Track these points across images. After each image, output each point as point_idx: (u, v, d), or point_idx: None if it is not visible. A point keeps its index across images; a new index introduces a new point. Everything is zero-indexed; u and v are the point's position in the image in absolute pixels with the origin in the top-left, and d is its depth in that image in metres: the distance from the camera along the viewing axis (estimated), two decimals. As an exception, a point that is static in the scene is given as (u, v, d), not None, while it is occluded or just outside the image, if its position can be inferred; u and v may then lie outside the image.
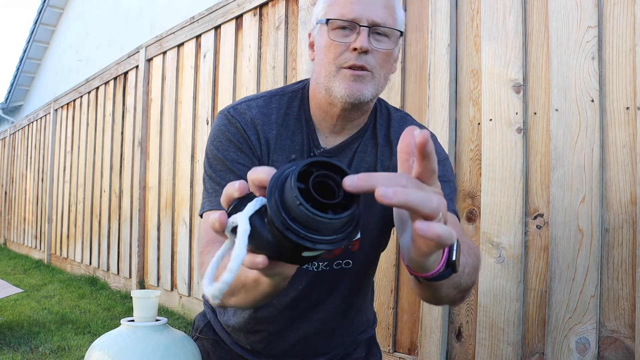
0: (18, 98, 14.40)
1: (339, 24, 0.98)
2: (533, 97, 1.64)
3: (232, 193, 0.54)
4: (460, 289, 0.84)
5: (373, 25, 0.97)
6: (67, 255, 5.41)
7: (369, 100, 1.00)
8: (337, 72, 0.98)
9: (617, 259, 1.44)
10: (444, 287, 0.77)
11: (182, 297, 3.32)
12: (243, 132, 1.03)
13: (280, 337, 1.16)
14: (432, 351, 1.83)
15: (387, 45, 0.99)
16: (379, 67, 0.99)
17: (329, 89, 1.00)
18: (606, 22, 1.48)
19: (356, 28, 0.97)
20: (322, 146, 1.07)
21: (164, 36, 3.66)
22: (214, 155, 1.04)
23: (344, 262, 1.09)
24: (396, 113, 1.14)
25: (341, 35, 0.98)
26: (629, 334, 1.41)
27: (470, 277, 0.85)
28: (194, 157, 3.28)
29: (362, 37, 0.96)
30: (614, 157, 1.46)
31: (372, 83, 0.99)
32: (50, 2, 11.64)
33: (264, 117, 1.05)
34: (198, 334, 1.27)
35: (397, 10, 1.02)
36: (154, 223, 3.69)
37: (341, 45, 0.98)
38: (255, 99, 1.08)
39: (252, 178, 0.53)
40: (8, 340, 2.71)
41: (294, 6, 2.56)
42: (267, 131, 1.04)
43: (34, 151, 6.65)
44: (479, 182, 1.75)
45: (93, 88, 4.95)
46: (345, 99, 0.98)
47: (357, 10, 0.97)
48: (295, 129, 1.06)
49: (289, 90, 1.11)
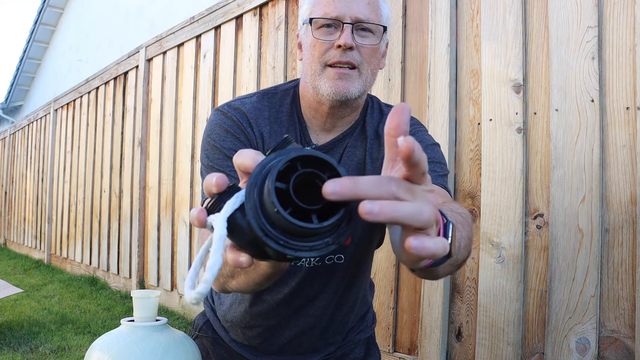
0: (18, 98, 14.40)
1: (322, 22, 0.99)
2: (533, 97, 1.64)
3: (210, 188, 0.51)
4: (458, 264, 0.83)
5: (356, 21, 0.99)
6: (67, 255, 5.41)
7: (356, 97, 1.02)
8: (323, 71, 1.00)
9: (617, 259, 1.44)
10: (441, 268, 0.74)
11: (182, 297, 3.32)
12: (239, 124, 1.05)
13: (275, 332, 1.16)
14: (432, 351, 1.83)
15: (372, 41, 1.01)
16: (365, 62, 1.00)
17: (316, 87, 1.01)
18: (606, 22, 1.48)
19: (340, 25, 0.99)
20: (313, 143, 1.08)
21: (164, 36, 3.66)
22: (211, 146, 1.04)
23: (336, 257, 1.10)
24: (387, 109, 1.14)
25: (325, 34, 0.99)
26: (629, 334, 1.41)
27: (466, 249, 0.84)
28: (194, 157, 3.28)
29: (345, 34, 0.97)
30: (614, 157, 1.46)
31: (359, 80, 1.00)
32: (50, 2, 11.64)
33: (258, 112, 1.07)
34: (197, 332, 1.29)
35: (381, 5, 1.03)
36: (154, 223, 3.69)
37: (326, 43, 0.99)
38: (248, 97, 1.10)
39: (238, 163, 0.51)
40: (8, 340, 2.71)
41: (294, 6, 2.56)
42: (261, 125, 1.06)
43: (34, 151, 6.65)
44: (479, 182, 1.75)
45: (93, 88, 4.95)
46: (332, 96, 1.00)
47: (340, 8, 0.98)
48: (288, 126, 1.08)
49: (281, 89, 1.13)
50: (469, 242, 0.85)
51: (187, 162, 3.32)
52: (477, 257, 1.75)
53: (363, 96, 1.05)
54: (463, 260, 0.83)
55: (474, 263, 1.76)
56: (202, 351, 1.24)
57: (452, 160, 1.83)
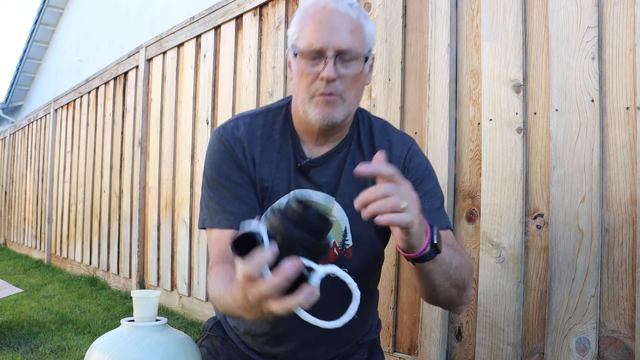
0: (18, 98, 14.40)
1: (307, 54, 1.05)
2: (533, 97, 1.64)
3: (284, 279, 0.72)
4: (453, 282, 1.00)
5: (339, 53, 1.03)
6: (67, 255, 5.41)
7: (341, 121, 1.09)
8: (311, 100, 1.07)
9: (617, 259, 1.44)
10: (435, 274, 0.96)
11: (182, 297, 3.32)
12: (232, 151, 1.14)
13: (282, 341, 1.20)
14: (432, 351, 1.83)
15: (355, 69, 1.06)
16: (348, 90, 1.06)
17: (305, 112, 1.08)
18: (606, 22, 1.48)
19: (324, 57, 1.04)
20: (307, 156, 1.15)
21: (164, 36, 3.66)
22: (209, 175, 1.16)
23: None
24: (377, 122, 1.22)
25: (310, 65, 1.05)
26: (629, 334, 1.41)
27: (460, 272, 1.01)
28: (194, 157, 3.28)
29: (328, 67, 1.03)
30: (614, 157, 1.46)
31: (342, 106, 1.07)
32: (50, 2, 11.64)
33: (250, 134, 1.15)
34: (208, 332, 1.34)
35: (364, 28, 1.08)
36: (154, 223, 3.69)
37: (311, 75, 1.05)
38: (242, 117, 1.18)
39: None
40: (8, 340, 2.71)
41: (294, 6, 2.56)
42: (252, 147, 1.14)
43: (34, 151, 6.65)
44: (479, 182, 1.75)
45: (93, 88, 4.95)
46: (320, 122, 1.07)
47: (322, 39, 1.03)
48: (281, 142, 1.16)
49: (274, 107, 1.20)
50: (463, 269, 1.03)
51: (187, 162, 3.32)
52: (477, 257, 1.75)
53: (348, 116, 1.12)
54: (458, 283, 1.01)
55: (474, 263, 1.76)
56: (212, 350, 1.29)
57: (452, 160, 1.83)
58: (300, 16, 1.09)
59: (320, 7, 1.05)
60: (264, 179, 1.13)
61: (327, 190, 1.14)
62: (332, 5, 1.05)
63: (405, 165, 1.16)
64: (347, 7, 1.05)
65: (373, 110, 2.09)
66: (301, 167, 1.14)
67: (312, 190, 1.14)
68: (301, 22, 1.08)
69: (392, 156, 1.16)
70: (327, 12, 1.04)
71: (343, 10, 1.05)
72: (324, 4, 1.06)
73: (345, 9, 1.05)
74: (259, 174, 1.13)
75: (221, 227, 1.10)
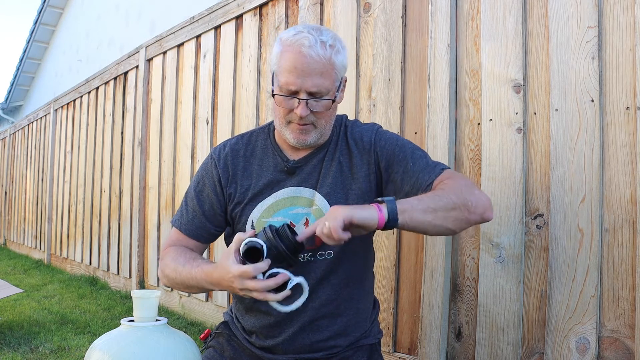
0: (18, 98, 14.40)
1: (284, 91, 1.22)
2: (533, 97, 1.64)
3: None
4: (446, 208, 1.13)
5: (310, 95, 1.21)
6: (67, 255, 5.41)
7: (315, 142, 1.30)
8: (287, 125, 1.27)
9: (617, 259, 1.44)
10: (415, 220, 1.11)
11: (182, 297, 3.32)
12: (215, 171, 1.37)
13: (277, 327, 1.32)
14: (432, 351, 1.83)
15: (325, 105, 1.24)
16: (319, 119, 1.26)
17: (283, 134, 1.30)
18: (606, 22, 1.48)
19: (298, 96, 1.21)
20: (290, 159, 1.33)
21: (164, 36, 3.66)
22: (193, 187, 1.40)
23: (327, 253, 1.30)
24: (349, 122, 1.39)
25: (287, 99, 1.23)
26: (629, 334, 1.41)
27: (441, 198, 1.14)
28: (194, 157, 3.28)
29: (301, 107, 1.22)
30: (614, 157, 1.46)
31: (314, 132, 1.27)
32: (50, 2, 11.64)
33: (234, 152, 1.38)
34: (216, 331, 1.47)
35: (335, 65, 1.22)
36: (154, 223, 3.69)
37: (287, 107, 1.24)
38: (231, 139, 1.42)
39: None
40: (8, 340, 2.71)
41: (294, 6, 2.56)
42: (235, 164, 1.36)
43: (34, 151, 6.65)
44: (479, 182, 1.75)
45: (93, 88, 4.95)
46: (295, 144, 1.29)
47: (297, 83, 1.20)
48: (262, 156, 1.36)
49: (258, 130, 1.42)
50: (449, 195, 1.14)
51: (187, 162, 3.32)
52: (477, 257, 1.75)
53: (323, 136, 1.31)
54: (450, 206, 1.13)
55: (474, 263, 1.76)
56: (218, 347, 1.41)
57: (452, 160, 1.83)
58: (280, 50, 1.23)
59: (297, 51, 1.19)
60: (247, 189, 1.34)
61: (311, 185, 1.31)
62: (305, 50, 1.18)
63: (376, 144, 1.32)
64: (318, 50, 1.18)
65: (373, 110, 2.09)
66: (288, 169, 1.32)
67: (297, 187, 1.31)
68: (280, 57, 1.22)
69: (364, 143, 1.33)
70: (301, 58, 1.18)
71: (314, 55, 1.18)
72: (299, 49, 1.18)
73: (317, 52, 1.18)
74: (241, 187, 1.34)
75: (183, 233, 1.37)
